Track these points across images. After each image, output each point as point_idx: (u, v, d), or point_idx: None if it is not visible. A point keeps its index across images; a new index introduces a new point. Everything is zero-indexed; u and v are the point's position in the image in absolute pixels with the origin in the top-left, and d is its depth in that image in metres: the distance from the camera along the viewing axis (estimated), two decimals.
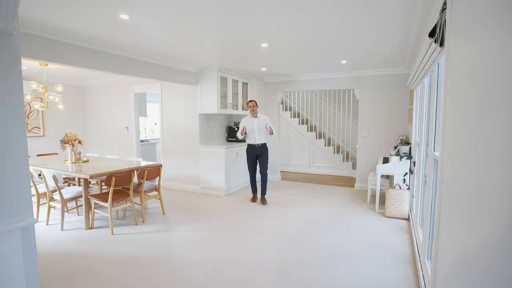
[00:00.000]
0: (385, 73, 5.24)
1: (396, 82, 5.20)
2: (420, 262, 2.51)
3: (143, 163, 4.32)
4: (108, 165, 4.13)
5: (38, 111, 5.97)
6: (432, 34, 1.68)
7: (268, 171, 6.45)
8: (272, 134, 4.64)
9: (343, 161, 7.12)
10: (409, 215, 3.93)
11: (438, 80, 2.32)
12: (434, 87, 2.35)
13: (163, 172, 5.81)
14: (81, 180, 3.51)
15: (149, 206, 4.53)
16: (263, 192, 4.74)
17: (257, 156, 4.66)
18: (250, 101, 4.65)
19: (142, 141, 6.84)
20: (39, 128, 6.04)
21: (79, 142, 4.41)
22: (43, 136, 6.09)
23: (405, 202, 3.95)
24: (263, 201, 4.68)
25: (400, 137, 5.06)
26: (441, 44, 1.63)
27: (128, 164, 4.21)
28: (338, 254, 2.91)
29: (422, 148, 3.18)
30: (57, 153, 5.44)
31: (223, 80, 5.22)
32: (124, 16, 2.55)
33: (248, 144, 4.72)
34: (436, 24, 1.65)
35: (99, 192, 4.43)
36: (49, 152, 5.73)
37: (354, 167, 6.99)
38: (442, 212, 1.62)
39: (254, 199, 4.80)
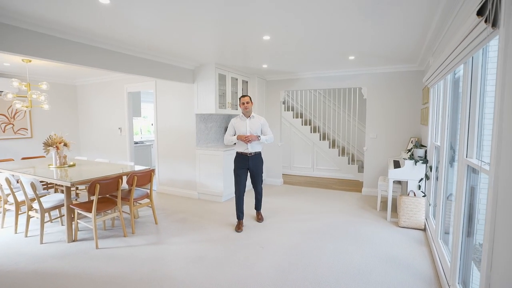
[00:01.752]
0: (395, 70, 4.89)
1: (407, 80, 4.85)
2: (449, 286, 2.15)
3: (137, 167, 3.97)
4: (96, 169, 3.78)
5: (25, 111, 5.62)
6: (481, 12, 1.33)
7: (269, 175, 6.16)
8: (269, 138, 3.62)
9: (349, 163, 6.77)
10: (425, 225, 3.58)
11: (472, 74, 1.97)
12: (467, 81, 1.99)
13: (157, 176, 5.47)
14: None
15: (141, 214, 4.17)
16: (258, 207, 3.92)
17: (249, 168, 3.64)
18: (243, 96, 3.63)
19: (136, 142, 6.50)
20: (27, 130, 5.68)
21: (65, 144, 4.05)
22: (31, 137, 5.74)
23: (421, 211, 3.60)
24: (259, 217, 3.87)
25: (412, 139, 4.72)
26: (494, 25, 1.28)
27: (118, 168, 3.86)
28: (351, 274, 2.55)
29: (444, 152, 2.82)
30: (44, 156, 5.08)
31: (222, 78, 4.87)
32: (103, 0, 2.19)
33: (237, 153, 3.67)
34: (486, 0, 1.30)
35: (88, 200, 4.08)
36: (37, 155, 5.39)
37: (360, 170, 6.65)
38: (497, 238, 1.27)
39: (239, 228, 3.57)
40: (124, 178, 3.63)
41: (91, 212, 3.06)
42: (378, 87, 5.08)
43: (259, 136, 3.57)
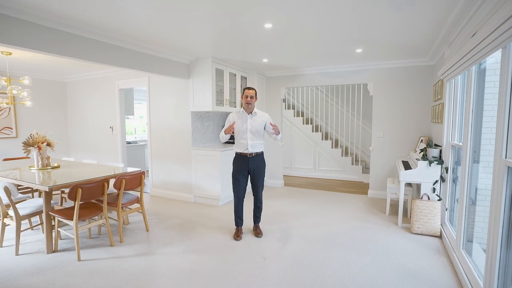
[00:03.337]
0: (404, 65, 4.60)
1: (416, 76, 4.55)
2: None
3: (129, 169, 3.65)
4: (82, 172, 3.46)
5: (9, 108, 5.27)
6: None
7: (270, 176, 5.83)
8: (278, 134, 3.20)
9: (352, 164, 6.47)
10: (441, 232, 3.28)
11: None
12: (506, 69, 1.69)
13: (151, 178, 5.15)
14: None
15: (132, 220, 3.85)
16: (257, 220, 3.39)
17: (249, 171, 3.23)
18: (249, 88, 3.19)
19: (129, 142, 6.16)
20: (11, 129, 5.34)
21: (48, 144, 3.73)
22: (16, 137, 5.40)
23: (436, 216, 3.30)
24: (257, 232, 3.32)
25: (421, 138, 4.43)
26: None
27: (106, 170, 3.55)
28: None
29: (467, 152, 2.52)
30: (29, 157, 4.74)
31: (219, 73, 4.55)
32: None
33: (236, 153, 3.27)
34: None
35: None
36: (22, 156, 5.04)
37: (364, 171, 6.37)
38: None
39: (238, 235, 3.23)
40: (112, 181, 3.31)
41: (72, 220, 2.74)
42: (385, 83, 4.78)
43: (278, 133, 3.18)
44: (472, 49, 2.08)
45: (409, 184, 4.04)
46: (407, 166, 3.93)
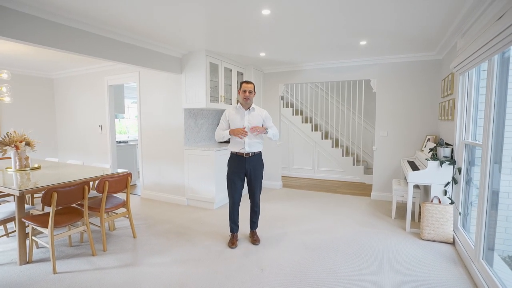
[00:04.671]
0: (409, 60, 4.34)
1: (422, 71, 4.30)
2: None
3: (119, 170, 3.37)
4: (64, 173, 3.17)
5: None
6: None
7: (267, 177, 5.53)
8: (266, 133, 2.86)
9: (353, 164, 6.21)
10: (454, 238, 3.02)
11: None
12: None
13: (142, 179, 4.86)
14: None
15: (118, 225, 3.55)
16: (254, 226, 3.11)
17: (246, 172, 2.95)
18: (246, 82, 2.90)
19: (120, 142, 5.86)
20: None
21: (28, 143, 3.43)
22: None
23: (449, 221, 3.04)
24: (254, 239, 3.03)
25: (428, 137, 4.19)
26: None
27: (91, 172, 3.26)
28: None
29: (488, 153, 2.26)
30: (9, 158, 4.43)
31: (214, 68, 4.27)
32: None
33: (231, 153, 2.98)
34: None
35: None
36: (4, 156, 4.72)
37: (366, 171, 6.12)
38: None
39: (233, 243, 2.94)
40: (92, 184, 3.03)
41: (47, 227, 2.45)
42: (389, 79, 4.53)
43: (267, 129, 2.86)
44: (500, 34, 1.82)
45: (416, 186, 3.79)
46: (413, 166, 3.68)
